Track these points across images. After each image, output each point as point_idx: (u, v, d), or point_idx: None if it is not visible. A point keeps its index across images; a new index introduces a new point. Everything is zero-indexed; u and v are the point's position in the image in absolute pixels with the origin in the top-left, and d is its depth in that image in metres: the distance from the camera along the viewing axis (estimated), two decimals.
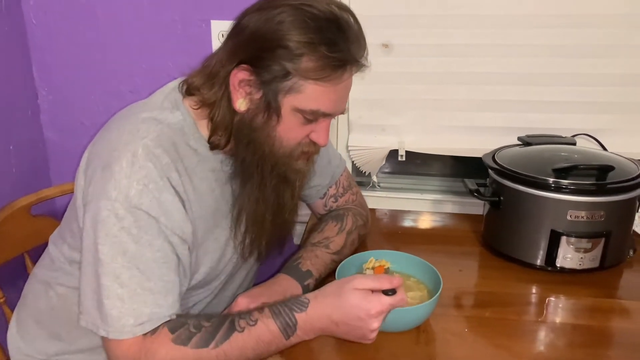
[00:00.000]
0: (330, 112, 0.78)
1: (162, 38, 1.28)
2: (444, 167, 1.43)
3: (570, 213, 0.99)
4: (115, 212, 0.72)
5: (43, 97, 1.38)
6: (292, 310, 0.75)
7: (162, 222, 0.74)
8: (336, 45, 0.73)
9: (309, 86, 0.74)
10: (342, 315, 0.74)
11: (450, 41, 1.23)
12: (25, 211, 1.11)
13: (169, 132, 0.77)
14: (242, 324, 0.74)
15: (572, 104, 1.25)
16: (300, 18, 0.72)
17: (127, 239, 0.72)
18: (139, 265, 0.72)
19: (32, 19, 1.30)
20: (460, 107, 1.28)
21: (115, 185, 0.72)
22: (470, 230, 1.22)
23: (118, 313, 0.72)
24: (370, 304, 0.74)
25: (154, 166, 0.74)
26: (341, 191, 1.08)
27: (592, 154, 1.11)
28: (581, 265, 1.01)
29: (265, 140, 0.78)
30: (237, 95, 0.77)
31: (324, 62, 0.73)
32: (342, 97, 0.79)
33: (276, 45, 0.72)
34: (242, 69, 0.75)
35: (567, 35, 1.19)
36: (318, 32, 0.72)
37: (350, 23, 0.75)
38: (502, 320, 0.90)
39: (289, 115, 0.77)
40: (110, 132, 0.79)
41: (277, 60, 0.73)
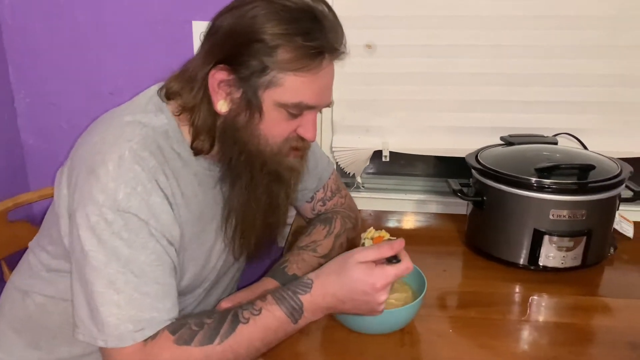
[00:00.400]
0: (313, 103, 0.77)
1: (143, 39, 1.26)
2: (428, 168, 1.44)
3: (553, 212, 0.99)
4: (104, 217, 0.70)
5: (20, 100, 1.34)
6: (296, 293, 0.74)
7: (152, 225, 0.72)
8: (312, 34, 0.72)
9: (288, 78, 0.73)
10: (348, 292, 0.73)
11: (434, 42, 1.23)
12: (2, 217, 1.09)
13: (154, 135, 0.76)
14: (246, 314, 0.73)
15: (553, 104, 1.26)
16: (274, 10, 0.71)
17: (119, 243, 0.70)
18: (133, 269, 0.70)
19: (7, 19, 1.27)
20: (444, 108, 1.29)
21: (101, 189, 0.70)
22: (454, 230, 1.22)
23: (116, 320, 0.70)
24: (375, 278, 0.73)
25: (142, 169, 0.72)
26: (329, 195, 1.07)
27: (573, 153, 1.12)
28: (563, 263, 1.02)
29: (250, 139, 0.77)
30: (217, 97, 0.76)
31: (300, 52, 0.72)
32: (324, 87, 0.78)
33: (251, 39, 0.72)
34: (220, 69, 0.74)
35: (549, 36, 1.20)
36: (292, 23, 0.71)
37: (325, 13, 0.74)
38: (487, 320, 0.90)
39: (272, 111, 0.75)
40: (93, 135, 0.77)
41: (254, 55, 0.72)
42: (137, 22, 1.25)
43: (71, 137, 1.35)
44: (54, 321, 0.86)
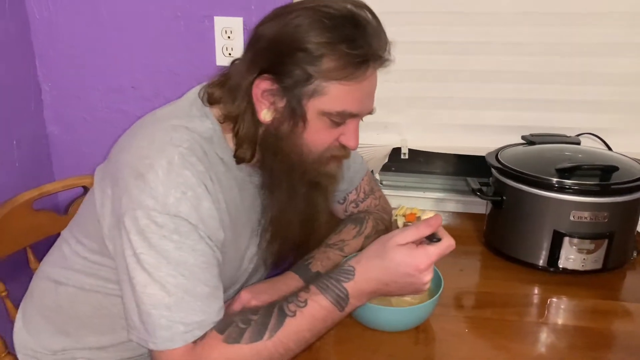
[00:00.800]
0: (357, 111, 0.76)
1: (165, 34, 1.27)
2: (447, 166, 1.42)
3: (574, 214, 0.98)
4: (154, 220, 0.70)
5: (46, 92, 1.37)
6: (340, 281, 0.74)
7: (201, 229, 0.73)
8: (355, 41, 0.71)
9: (332, 87, 0.73)
10: (391, 275, 0.73)
11: (454, 39, 1.21)
12: (28, 206, 1.11)
13: (200, 140, 0.76)
14: (292, 307, 0.72)
15: (576, 103, 1.24)
16: (317, 19, 0.71)
17: (170, 246, 0.70)
18: (183, 272, 0.71)
19: (35, 13, 1.30)
20: (464, 105, 1.27)
21: (151, 194, 0.70)
22: (472, 229, 1.21)
23: (167, 322, 0.70)
24: (418, 259, 0.73)
25: (191, 174, 0.72)
26: (362, 196, 1.06)
27: (596, 154, 1.10)
28: (584, 266, 1.00)
29: (293, 149, 0.77)
30: (261, 106, 0.76)
31: (345, 61, 0.71)
32: (368, 95, 0.77)
33: (295, 48, 0.71)
34: (264, 78, 0.74)
35: (572, 33, 1.18)
36: (336, 31, 0.71)
37: (368, 19, 0.73)
38: (503, 321, 0.89)
39: (315, 120, 0.75)
40: (139, 139, 0.77)
41: (298, 64, 0.72)
42: (160, 17, 1.26)
43: (93, 130, 1.39)
44: (84, 311, 0.88)
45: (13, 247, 1.10)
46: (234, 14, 1.23)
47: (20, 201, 1.09)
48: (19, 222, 1.09)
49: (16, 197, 1.10)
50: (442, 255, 0.75)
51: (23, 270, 1.11)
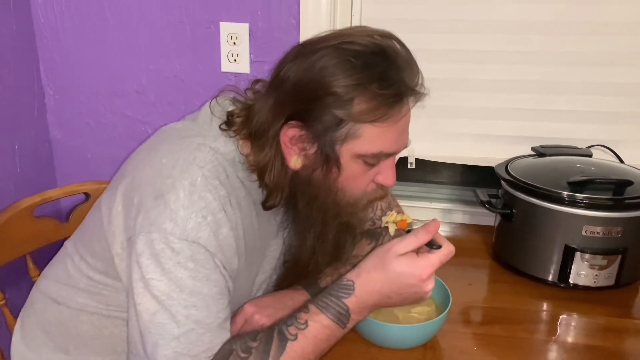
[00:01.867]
0: (393, 151, 0.73)
1: (170, 39, 1.26)
2: (455, 176, 1.40)
3: (586, 228, 0.95)
4: (170, 246, 0.67)
5: (50, 97, 1.36)
6: (340, 298, 0.71)
7: (218, 257, 0.69)
8: (387, 79, 0.67)
9: (366, 129, 0.69)
10: (393, 287, 0.71)
11: (463, 47, 1.20)
12: (29, 212, 1.10)
13: (224, 162, 0.72)
14: (292, 330, 0.69)
15: (588, 114, 1.22)
16: (344, 59, 0.67)
17: (184, 274, 0.67)
18: (196, 303, 0.67)
19: (40, 17, 1.29)
20: (472, 115, 1.25)
21: (170, 217, 0.67)
22: (480, 241, 1.19)
23: (173, 353, 0.67)
24: (420, 269, 0.70)
25: (213, 198, 0.69)
26: (379, 214, 1.02)
27: (609, 167, 1.07)
28: (596, 282, 0.98)
29: (327, 195, 0.74)
30: (290, 153, 0.73)
31: (377, 101, 0.67)
32: (403, 132, 0.73)
33: (323, 94, 0.67)
34: (291, 125, 0.71)
35: (584, 42, 1.16)
36: (365, 70, 0.67)
37: (397, 50, 0.70)
38: (513, 339, 0.87)
39: (350, 163, 0.71)
40: (160, 156, 0.73)
41: (327, 110, 0.68)
42: (165, 22, 1.25)
43: (97, 135, 1.38)
44: (86, 331, 0.85)
45: (13, 254, 1.08)
46: (239, 20, 1.22)
47: (21, 207, 1.08)
48: (19, 229, 1.07)
49: (17, 203, 1.08)
50: (443, 262, 0.72)
51: (22, 278, 1.09)
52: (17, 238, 1.07)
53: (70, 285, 0.85)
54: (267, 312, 0.81)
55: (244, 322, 0.81)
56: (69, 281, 0.86)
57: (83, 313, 0.84)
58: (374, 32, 0.71)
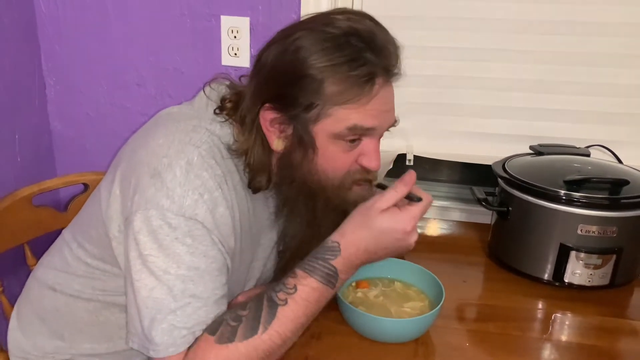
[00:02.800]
0: (371, 126, 0.72)
1: (171, 32, 1.26)
2: (452, 174, 1.40)
3: (581, 227, 0.95)
4: (167, 222, 0.68)
5: (50, 87, 1.37)
6: (327, 260, 0.71)
7: (215, 234, 0.70)
8: (358, 60, 0.68)
9: (337, 110, 0.70)
10: (379, 243, 0.71)
11: (463, 45, 1.20)
12: (27, 201, 1.10)
13: (220, 144, 0.74)
14: (282, 295, 0.69)
15: (586, 114, 1.22)
16: (316, 41, 0.68)
17: (182, 249, 0.68)
18: (193, 277, 0.68)
19: (42, 7, 1.30)
20: (471, 113, 1.25)
21: (167, 194, 0.68)
22: (476, 239, 1.19)
23: (169, 326, 0.68)
24: (404, 222, 0.71)
25: (209, 176, 0.70)
26: None
27: (606, 167, 1.07)
28: (590, 282, 0.98)
29: (308, 177, 0.74)
30: (271, 135, 0.74)
31: (348, 83, 0.68)
32: (382, 110, 0.72)
33: (296, 77, 0.69)
34: (267, 108, 0.72)
35: (583, 42, 1.16)
36: (337, 51, 0.67)
37: (372, 31, 0.70)
38: (506, 336, 0.87)
39: (327, 144, 0.72)
40: (155, 138, 0.74)
41: (300, 92, 0.69)
42: (166, 15, 1.25)
43: (97, 126, 1.38)
44: (81, 317, 0.86)
45: (11, 243, 1.09)
46: (240, 14, 1.22)
47: (19, 196, 1.08)
48: (18, 218, 1.08)
49: (16, 192, 1.09)
50: (424, 213, 0.74)
51: (20, 267, 1.10)
52: (16, 227, 1.08)
53: (68, 272, 0.86)
54: None
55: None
56: (66, 268, 0.86)
57: (79, 300, 0.85)
58: (352, 14, 0.71)
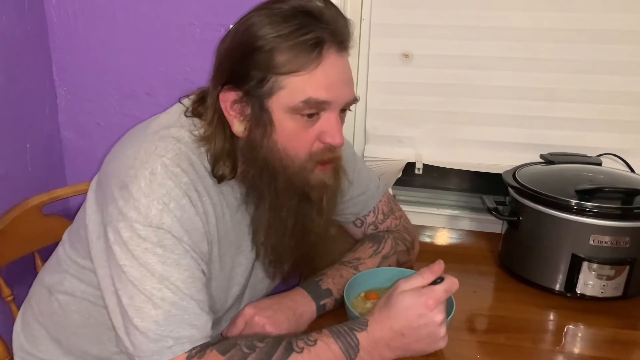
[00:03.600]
0: (324, 98, 0.71)
1: (180, 41, 1.27)
2: (462, 182, 1.39)
3: (593, 238, 0.94)
4: (137, 233, 0.69)
5: (62, 97, 1.38)
6: (353, 330, 0.71)
7: (185, 242, 0.71)
8: (305, 28, 0.69)
9: (289, 80, 0.70)
10: (403, 321, 0.71)
11: (473, 53, 1.19)
12: (38, 210, 1.11)
13: (187, 151, 0.74)
14: (301, 344, 0.70)
15: (598, 122, 1.20)
16: (266, 15, 0.70)
17: (153, 259, 0.69)
18: (169, 286, 0.69)
19: (54, 18, 1.31)
20: (481, 121, 1.25)
21: (134, 205, 0.69)
22: (487, 249, 1.17)
23: (154, 335, 0.69)
24: (424, 297, 0.71)
25: (174, 184, 0.71)
26: (381, 218, 1.02)
27: (618, 176, 1.06)
28: (603, 293, 0.96)
29: (270, 155, 0.73)
30: (232, 120, 0.74)
31: (296, 51, 0.68)
32: (334, 80, 0.71)
33: (247, 50, 0.70)
34: (227, 89, 0.73)
35: (595, 50, 1.15)
36: (285, 22, 0.69)
37: (320, 7, 0.71)
38: (517, 348, 0.86)
39: (285, 120, 0.72)
40: (125, 148, 0.76)
41: (253, 65, 0.70)
42: (175, 25, 1.26)
43: (107, 135, 1.39)
44: (74, 320, 0.87)
45: (21, 252, 1.10)
46: None
47: (30, 205, 1.09)
48: (28, 226, 1.09)
49: (26, 200, 1.10)
50: (448, 292, 0.73)
51: (30, 275, 1.10)
52: (26, 235, 1.09)
53: (61, 271, 0.88)
54: (267, 314, 0.81)
55: (245, 324, 0.81)
56: (60, 268, 0.89)
57: (72, 301, 0.86)
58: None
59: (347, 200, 0.97)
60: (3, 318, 1.22)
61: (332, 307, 0.87)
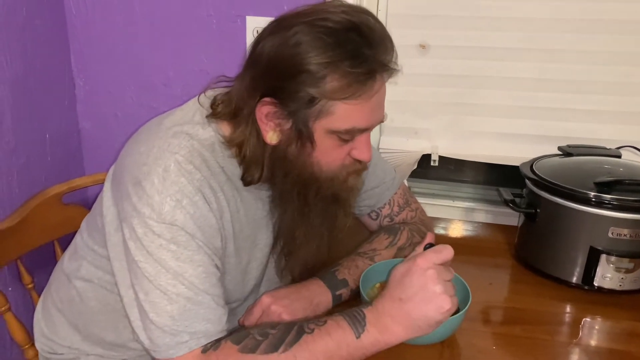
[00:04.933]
0: (366, 126, 0.74)
1: (197, 32, 1.28)
2: (478, 174, 1.39)
3: (612, 230, 0.93)
4: (151, 229, 0.70)
5: (80, 87, 1.40)
6: (360, 308, 0.73)
7: (198, 238, 0.72)
8: (359, 56, 0.68)
9: (339, 106, 0.70)
10: (399, 286, 0.71)
11: (490, 44, 1.18)
12: (57, 199, 1.13)
13: (200, 148, 0.74)
14: (311, 326, 0.71)
15: (617, 114, 1.19)
16: (317, 36, 0.68)
17: (167, 255, 0.70)
18: (183, 281, 0.70)
19: (72, 10, 1.33)
20: (498, 113, 1.24)
21: (147, 202, 0.70)
22: (503, 241, 1.17)
23: (170, 330, 0.70)
24: (415, 260, 0.71)
25: (187, 181, 0.71)
26: (396, 210, 1.02)
27: (638, 168, 1.05)
28: (621, 286, 0.95)
29: (304, 169, 0.75)
30: (266, 128, 0.74)
31: (349, 79, 0.68)
32: (376, 108, 0.74)
33: (296, 71, 0.68)
34: (266, 102, 0.72)
35: (613, 41, 1.14)
36: (338, 48, 0.67)
37: (371, 25, 0.70)
38: (533, 340, 0.86)
39: (324, 139, 0.73)
40: (139, 145, 0.76)
41: (301, 87, 0.69)
42: (192, 16, 1.27)
43: (124, 126, 1.41)
44: (92, 307, 0.89)
45: (42, 240, 1.11)
46: (266, 14, 1.22)
47: (50, 194, 1.11)
48: (48, 215, 1.11)
49: (46, 190, 1.11)
50: (440, 257, 0.70)
51: (50, 264, 1.12)
52: (46, 224, 1.11)
53: (79, 258, 0.90)
54: (284, 303, 0.82)
55: (262, 312, 0.82)
56: (78, 255, 0.90)
57: (89, 288, 0.88)
58: (349, 8, 0.71)
59: (362, 192, 0.97)
60: (24, 305, 1.25)
61: (347, 297, 0.88)
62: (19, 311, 1.09)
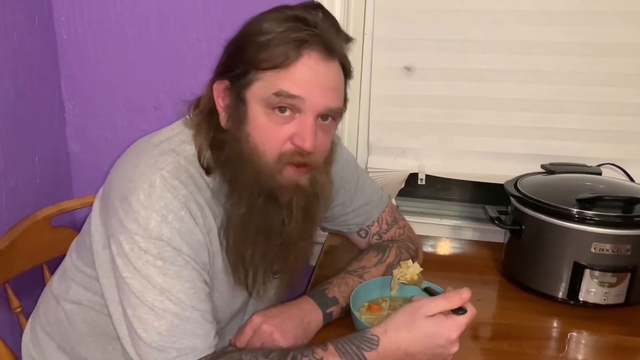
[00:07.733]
0: (296, 93, 0.70)
1: (187, 56, 1.30)
2: (464, 193, 1.41)
3: (595, 245, 0.96)
4: (138, 245, 0.70)
5: (69, 110, 1.41)
6: (361, 349, 0.70)
7: (185, 253, 0.72)
8: (295, 28, 0.71)
9: (266, 74, 0.71)
10: (420, 347, 0.71)
11: (474, 66, 1.22)
12: (46, 222, 1.12)
13: (187, 164, 0.75)
14: None
15: (598, 133, 1.22)
16: (265, 18, 0.73)
17: (154, 272, 0.70)
18: (170, 297, 0.70)
19: (63, 34, 1.34)
20: (483, 132, 1.27)
21: (134, 217, 0.71)
22: (490, 258, 1.19)
23: (158, 346, 0.70)
24: (449, 330, 0.70)
25: (173, 197, 0.72)
26: (385, 228, 1.03)
27: (618, 185, 1.08)
28: (605, 300, 0.97)
29: (241, 147, 0.73)
30: (221, 110, 0.76)
31: (279, 48, 0.70)
32: (311, 80, 0.71)
33: (240, 45, 0.73)
34: (219, 80, 0.76)
35: (594, 62, 1.17)
36: (280, 24, 0.71)
37: (317, 18, 0.73)
38: (521, 355, 0.87)
39: (258, 113, 0.72)
40: (127, 161, 0.77)
41: (240, 58, 0.73)
42: (182, 40, 1.29)
43: (115, 149, 1.41)
44: (80, 329, 0.88)
45: (31, 263, 1.11)
46: None
47: (39, 217, 1.11)
48: (36, 238, 1.10)
49: (35, 212, 1.11)
50: (467, 325, 0.73)
51: (39, 287, 1.12)
52: (35, 247, 1.10)
53: (67, 279, 0.89)
54: (275, 322, 0.82)
55: (253, 332, 0.82)
56: (66, 277, 0.90)
57: (77, 310, 0.87)
58: (310, 7, 0.74)
59: (351, 211, 0.99)
60: (12, 329, 1.23)
61: (338, 316, 0.89)
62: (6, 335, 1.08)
